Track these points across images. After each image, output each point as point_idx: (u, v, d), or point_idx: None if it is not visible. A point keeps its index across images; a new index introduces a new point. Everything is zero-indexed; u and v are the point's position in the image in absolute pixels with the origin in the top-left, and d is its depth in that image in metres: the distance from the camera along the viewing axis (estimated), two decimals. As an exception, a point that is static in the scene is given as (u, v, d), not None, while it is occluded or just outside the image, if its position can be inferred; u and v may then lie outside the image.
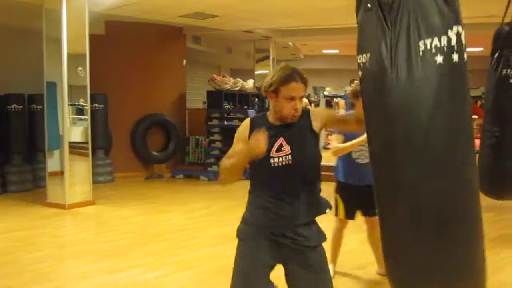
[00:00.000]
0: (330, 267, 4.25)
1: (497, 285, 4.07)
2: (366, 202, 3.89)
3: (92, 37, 7.28)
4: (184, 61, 10.96)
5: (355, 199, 4.06)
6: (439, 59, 1.98)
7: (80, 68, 7.05)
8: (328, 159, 4.07)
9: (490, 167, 4.67)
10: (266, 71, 13.68)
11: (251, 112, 10.25)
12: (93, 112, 8.15)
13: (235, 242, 5.21)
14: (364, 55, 2.16)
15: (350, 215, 4.16)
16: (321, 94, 13.43)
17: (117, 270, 4.40)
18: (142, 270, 4.42)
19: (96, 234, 5.80)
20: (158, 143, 10.43)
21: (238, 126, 9.80)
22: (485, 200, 4.10)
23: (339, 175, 4.15)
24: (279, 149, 2.38)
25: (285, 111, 2.37)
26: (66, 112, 6.97)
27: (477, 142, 4.74)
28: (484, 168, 4.66)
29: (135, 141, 10.08)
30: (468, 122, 2.11)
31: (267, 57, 13.60)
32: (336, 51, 19.04)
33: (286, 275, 2.48)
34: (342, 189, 4.14)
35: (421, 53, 1.99)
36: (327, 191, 3.08)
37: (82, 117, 7.31)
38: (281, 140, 2.40)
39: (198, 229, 5.95)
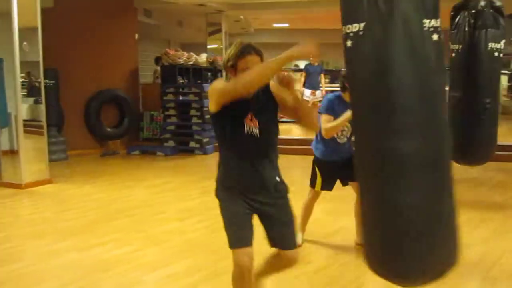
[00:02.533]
0: (299, 235, 4.38)
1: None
2: (345, 170, 3.99)
3: (40, 10, 7.01)
4: (137, 35, 10.75)
5: (334, 172, 4.18)
6: (435, 37, 2.10)
7: (25, 43, 6.80)
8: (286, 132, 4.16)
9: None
10: (217, 45, 13.63)
11: (207, 87, 10.21)
12: (44, 88, 7.90)
13: (200, 216, 5.33)
14: (355, 25, 2.14)
15: (328, 186, 4.27)
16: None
17: (86, 247, 4.36)
18: (111, 246, 4.40)
19: (58, 212, 5.69)
20: (112, 119, 10.26)
21: (193, 100, 9.85)
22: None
23: (318, 152, 4.24)
24: (251, 120, 2.58)
25: None
26: (18, 89, 6.74)
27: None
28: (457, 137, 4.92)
29: (88, 118, 9.88)
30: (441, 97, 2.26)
31: (219, 31, 13.51)
32: (286, 25, 19.11)
33: (262, 224, 2.75)
34: (320, 164, 4.24)
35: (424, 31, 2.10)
36: (289, 164, 3.14)
37: (32, 93, 7.10)
38: (250, 114, 2.58)
39: (162, 204, 5.95)
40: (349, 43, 2.18)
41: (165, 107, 10.03)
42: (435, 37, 2.11)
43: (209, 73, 11.80)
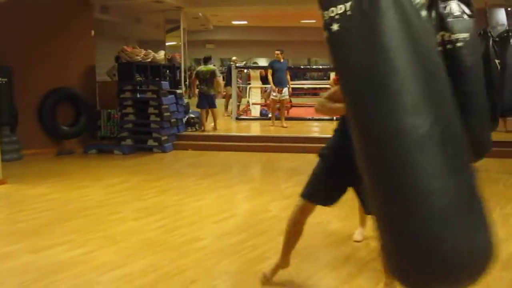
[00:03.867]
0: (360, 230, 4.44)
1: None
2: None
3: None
4: (93, 32, 10.59)
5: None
6: (424, 13, 2.06)
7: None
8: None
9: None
10: (176, 43, 13.56)
11: (165, 84, 10.17)
12: (-3, 86, 7.74)
13: (157, 215, 5.32)
14: (340, 6, 2.03)
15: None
16: (232, 65, 13.46)
17: (40, 249, 4.29)
18: (67, 247, 4.34)
19: (11, 214, 5.59)
20: (67, 118, 10.07)
21: (151, 98, 9.74)
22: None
23: None
24: None
25: None
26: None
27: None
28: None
29: (43, 116, 9.67)
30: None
31: (177, 28, 13.45)
32: (245, 22, 19.17)
33: None
34: None
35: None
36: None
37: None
38: None
39: (118, 203, 5.90)
40: (335, 27, 2.02)
41: (123, 105, 9.92)
42: (424, 13, 2.04)
43: (167, 71, 11.75)
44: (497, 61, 5.74)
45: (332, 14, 2.04)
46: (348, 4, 1.99)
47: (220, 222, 5.10)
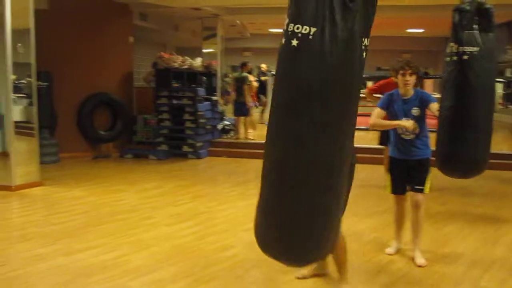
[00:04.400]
0: (394, 243, 4.37)
1: (440, 258, 4.30)
2: (412, 177, 4.13)
3: (35, 12, 7.00)
4: (132, 38, 10.74)
5: (402, 173, 4.18)
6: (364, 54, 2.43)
7: (19, 45, 6.78)
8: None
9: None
10: (213, 50, 13.62)
11: (201, 91, 10.21)
12: (38, 90, 7.87)
13: (189, 221, 5.31)
14: (305, 27, 2.28)
15: (398, 190, 4.25)
16: (268, 73, 13.45)
17: (74, 251, 4.34)
18: (99, 250, 4.38)
19: (47, 215, 5.68)
20: (105, 122, 10.22)
21: (187, 104, 9.80)
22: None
23: (390, 149, 4.34)
24: None
25: None
26: (10, 91, 6.71)
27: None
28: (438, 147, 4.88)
29: (81, 120, 9.84)
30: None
31: (214, 35, 13.51)
32: (281, 30, 19.14)
33: None
34: (390, 163, 4.29)
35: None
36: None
37: (24, 95, 7.06)
38: None
39: (152, 208, 5.92)
40: (294, 42, 2.26)
41: (159, 111, 10.01)
42: (364, 54, 2.33)
43: (204, 77, 11.80)
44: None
45: (297, 30, 2.25)
46: (313, 29, 2.22)
47: (251, 230, 5.01)
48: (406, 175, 4.15)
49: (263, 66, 15.66)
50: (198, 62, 11.58)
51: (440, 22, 14.59)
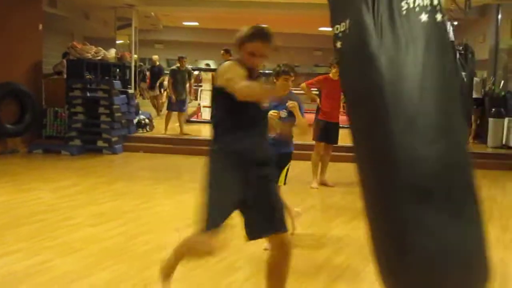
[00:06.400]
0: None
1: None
2: None
3: None
4: (40, 26, 10.08)
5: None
6: (424, 17, 2.01)
7: None
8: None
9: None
10: (124, 41, 13.19)
11: (117, 83, 9.81)
12: None
13: (115, 221, 5.05)
14: (342, 23, 2.10)
15: None
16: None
17: (-9, 257, 3.97)
18: (21, 256, 4.02)
19: (-47, 218, 5.17)
20: (11, 115, 9.47)
21: (102, 97, 9.31)
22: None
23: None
24: None
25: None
26: None
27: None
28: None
29: (-16, 113, 9.10)
30: (455, 81, 2.16)
31: (127, 26, 13.09)
32: (196, 24, 18.90)
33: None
34: None
35: (404, 13, 1.99)
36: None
37: None
38: None
39: (72, 208, 5.57)
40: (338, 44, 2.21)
41: (72, 104, 9.48)
42: (423, 17, 2.02)
43: (117, 69, 11.35)
44: (463, 73, 5.87)
45: (337, 32, 2.18)
46: (347, 22, 2.11)
47: (183, 229, 4.88)
48: None
49: (155, 57, 15.08)
50: (112, 53, 11.12)
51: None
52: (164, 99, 13.51)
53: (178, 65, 10.59)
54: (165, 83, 11.38)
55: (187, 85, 10.71)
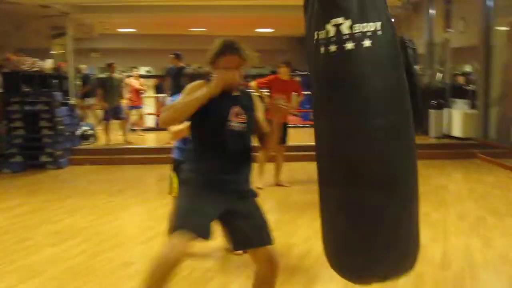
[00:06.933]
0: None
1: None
2: None
3: None
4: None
5: None
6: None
7: None
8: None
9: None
10: (57, 51, 12.72)
11: (58, 95, 9.44)
12: None
13: (74, 239, 4.85)
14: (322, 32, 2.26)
15: None
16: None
17: None
18: (-21, 285, 3.78)
19: None
20: None
21: (43, 110, 8.88)
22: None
23: (177, 154, 4.07)
24: (236, 116, 2.65)
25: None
26: None
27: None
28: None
29: None
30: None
31: (61, 35, 12.65)
32: (133, 30, 18.52)
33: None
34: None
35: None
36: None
37: None
38: (236, 108, 2.66)
39: (25, 228, 5.28)
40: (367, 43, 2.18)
41: (10, 119, 9.02)
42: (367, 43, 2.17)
43: (56, 80, 10.92)
44: (416, 67, 6.00)
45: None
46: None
47: (147, 242, 4.74)
48: None
49: (83, 66, 14.54)
50: (48, 64, 10.71)
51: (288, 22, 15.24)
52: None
53: (108, 72, 10.32)
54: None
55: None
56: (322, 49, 2.21)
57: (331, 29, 2.18)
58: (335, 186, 2.29)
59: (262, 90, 7.19)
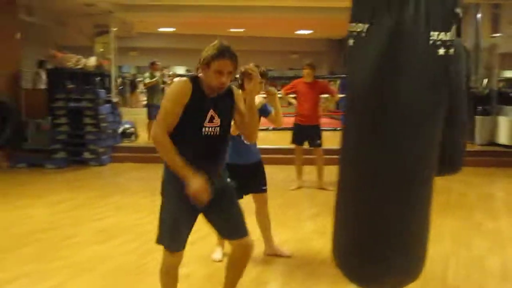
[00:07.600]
0: (219, 250, 4.18)
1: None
2: (254, 180, 4.08)
3: None
4: (19, 35, 9.69)
5: (243, 179, 3.77)
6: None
7: None
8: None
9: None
10: (104, 49, 12.80)
11: (102, 93, 9.49)
12: None
13: (122, 237, 4.78)
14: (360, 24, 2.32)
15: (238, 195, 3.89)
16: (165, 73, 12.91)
17: (-2, 284, 3.67)
18: (28, 281, 3.74)
19: None
20: (-10, 128, 9.08)
21: (87, 107, 8.95)
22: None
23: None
24: (210, 120, 2.74)
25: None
26: None
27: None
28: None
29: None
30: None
31: (104, 33, 12.73)
32: (172, 29, 18.59)
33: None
34: (228, 171, 3.82)
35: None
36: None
37: None
38: (212, 112, 2.74)
39: (71, 225, 5.28)
40: (350, 41, 2.32)
41: (55, 115, 9.11)
42: (441, 51, 2.23)
43: (99, 78, 11.02)
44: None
45: (351, 30, 2.31)
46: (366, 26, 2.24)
47: (197, 243, 4.64)
48: (244, 180, 3.86)
49: None
50: (92, 62, 10.77)
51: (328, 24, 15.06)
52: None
53: (150, 71, 10.31)
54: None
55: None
56: (441, 51, 2.24)
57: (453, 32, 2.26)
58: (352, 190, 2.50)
59: (290, 96, 7.15)
